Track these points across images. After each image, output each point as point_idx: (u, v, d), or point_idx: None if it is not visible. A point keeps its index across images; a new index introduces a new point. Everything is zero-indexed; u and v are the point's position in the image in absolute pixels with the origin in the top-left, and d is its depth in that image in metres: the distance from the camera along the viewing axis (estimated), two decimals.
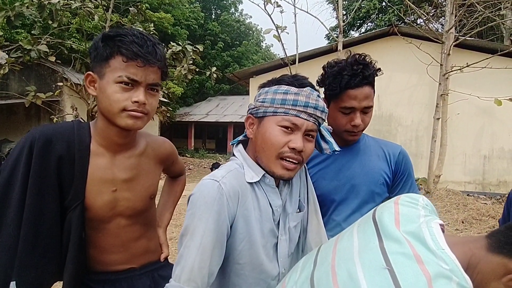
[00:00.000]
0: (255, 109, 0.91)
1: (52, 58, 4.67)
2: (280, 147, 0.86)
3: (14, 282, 0.88)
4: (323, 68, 1.24)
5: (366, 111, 1.18)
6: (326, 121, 1.12)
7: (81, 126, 1.01)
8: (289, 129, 0.86)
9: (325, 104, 0.91)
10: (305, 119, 0.86)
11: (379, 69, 1.20)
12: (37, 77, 10.21)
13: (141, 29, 0.95)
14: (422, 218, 0.64)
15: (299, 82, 0.89)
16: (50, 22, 4.66)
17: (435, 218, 0.66)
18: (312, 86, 0.91)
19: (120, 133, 0.99)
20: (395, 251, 0.59)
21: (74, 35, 10.66)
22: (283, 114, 0.85)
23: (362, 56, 1.17)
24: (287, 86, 0.87)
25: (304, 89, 0.87)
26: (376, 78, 1.22)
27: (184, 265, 0.79)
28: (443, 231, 0.63)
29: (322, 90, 1.25)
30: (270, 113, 0.87)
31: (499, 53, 6.46)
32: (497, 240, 0.62)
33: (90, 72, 0.97)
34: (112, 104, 0.92)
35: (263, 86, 0.94)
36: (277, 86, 0.89)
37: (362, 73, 1.13)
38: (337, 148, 0.99)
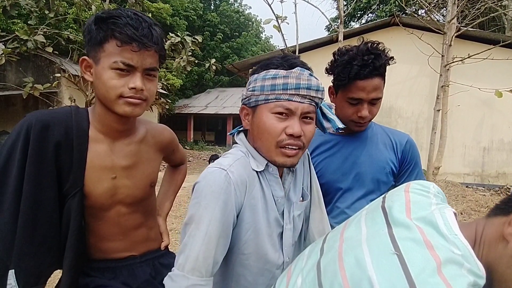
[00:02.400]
0: (247, 99, 0.88)
1: (49, 49, 4.62)
2: (278, 135, 0.83)
3: (13, 270, 0.86)
4: (333, 54, 1.19)
5: (374, 103, 1.15)
6: (334, 105, 1.08)
7: (79, 112, 0.98)
8: (284, 114, 0.82)
9: (320, 83, 0.86)
10: (299, 101, 0.82)
11: (392, 57, 1.15)
12: (34, 68, 10.12)
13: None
14: (434, 206, 0.63)
15: (289, 62, 0.85)
16: (46, 12, 4.60)
17: (447, 206, 0.64)
18: (304, 65, 0.86)
19: (119, 120, 0.97)
20: (404, 237, 0.57)
21: (71, 25, 10.54)
22: (274, 100, 0.82)
23: (375, 44, 1.11)
24: (275, 70, 0.83)
25: (293, 70, 0.82)
26: None
27: (188, 255, 0.78)
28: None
29: (331, 78, 1.22)
30: (262, 101, 0.84)
31: (500, 44, 6.39)
32: (495, 207, 0.62)
33: (85, 57, 0.92)
34: (109, 91, 0.88)
35: (253, 73, 0.90)
36: (265, 71, 0.84)
37: (373, 64, 1.08)
38: (340, 126, 0.93)
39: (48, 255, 0.93)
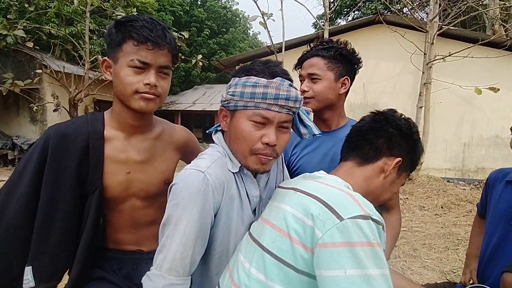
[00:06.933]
0: (226, 102, 0.88)
1: (30, 44, 4.51)
2: (253, 143, 0.84)
3: (31, 267, 0.96)
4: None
5: (313, 78, 1.26)
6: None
7: (94, 117, 1.06)
8: (261, 123, 0.84)
9: (299, 92, 0.88)
10: (277, 111, 0.83)
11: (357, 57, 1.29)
12: (14, 64, 9.82)
13: (123, 14, 0.99)
14: None
15: (270, 70, 0.86)
16: (26, 5, 4.48)
17: None
18: (285, 74, 0.88)
19: (134, 116, 1.04)
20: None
21: (52, 20, 10.25)
22: (253, 108, 0.83)
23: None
24: (256, 78, 0.84)
25: (274, 80, 0.83)
26: (361, 66, 1.28)
27: (166, 255, 0.80)
28: None
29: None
30: (240, 107, 0.84)
31: (480, 43, 6.59)
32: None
33: (106, 58, 1.02)
34: (125, 87, 0.97)
35: (234, 75, 0.90)
36: (246, 77, 0.85)
37: (316, 48, 1.26)
38: (316, 132, 0.96)
39: (63, 254, 1.00)
